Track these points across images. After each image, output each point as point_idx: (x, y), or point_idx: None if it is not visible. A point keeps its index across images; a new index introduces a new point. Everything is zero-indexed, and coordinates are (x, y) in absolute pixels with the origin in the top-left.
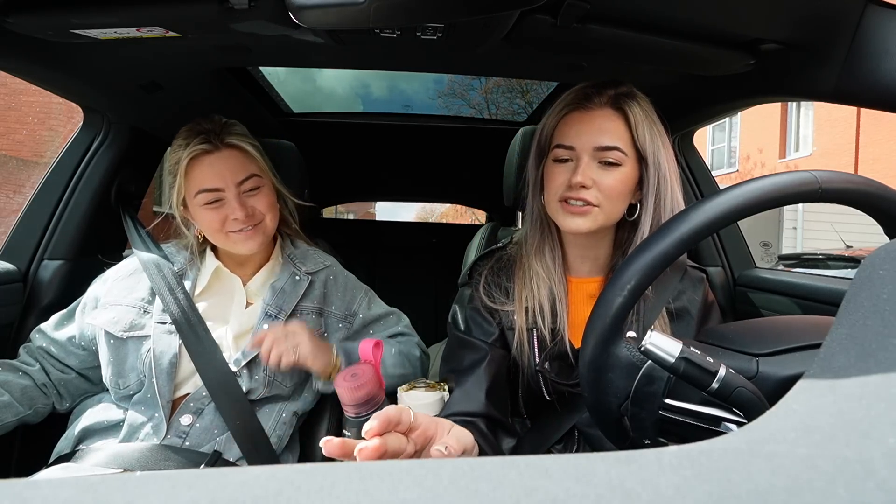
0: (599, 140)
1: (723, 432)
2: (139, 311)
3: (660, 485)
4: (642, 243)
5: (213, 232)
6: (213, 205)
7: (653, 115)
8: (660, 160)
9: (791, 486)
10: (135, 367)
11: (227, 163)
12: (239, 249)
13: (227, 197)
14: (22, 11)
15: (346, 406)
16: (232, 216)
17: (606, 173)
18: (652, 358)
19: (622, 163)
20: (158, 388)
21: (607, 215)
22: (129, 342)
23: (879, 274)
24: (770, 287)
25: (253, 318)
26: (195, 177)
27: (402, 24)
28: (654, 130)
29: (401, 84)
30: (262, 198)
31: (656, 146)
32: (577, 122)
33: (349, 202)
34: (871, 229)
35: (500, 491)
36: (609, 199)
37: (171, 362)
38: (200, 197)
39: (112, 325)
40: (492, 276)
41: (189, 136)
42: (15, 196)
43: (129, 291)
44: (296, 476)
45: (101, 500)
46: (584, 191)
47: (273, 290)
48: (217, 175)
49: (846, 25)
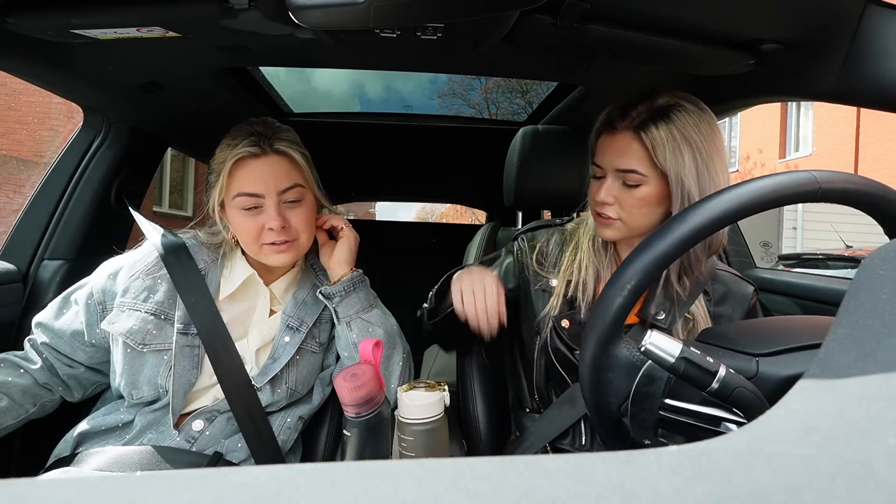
0: (619, 163)
1: (723, 432)
2: (159, 318)
3: (660, 485)
4: (642, 243)
5: (247, 240)
6: (251, 211)
7: (683, 129)
8: (683, 178)
9: (791, 486)
10: (151, 381)
11: (272, 169)
12: (270, 262)
13: (267, 205)
14: (22, 11)
15: (347, 406)
16: (268, 225)
17: (628, 192)
18: (652, 358)
19: (643, 182)
20: (173, 405)
21: (632, 227)
22: (147, 355)
23: (879, 274)
24: (770, 287)
25: (273, 329)
26: (238, 179)
27: (402, 24)
28: (679, 148)
29: (401, 84)
30: (301, 212)
31: (679, 164)
32: (605, 144)
33: (349, 202)
34: (871, 229)
35: (500, 491)
36: (631, 214)
37: (189, 381)
38: (239, 200)
39: (131, 337)
40: (546, 247)
41: (238, 136)
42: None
43: (149, 293)
44: (296, 476)
45: (101, 501)
46: (607, 207)
47: (295, 301)
48: (260, 180)
49: (846, 25)
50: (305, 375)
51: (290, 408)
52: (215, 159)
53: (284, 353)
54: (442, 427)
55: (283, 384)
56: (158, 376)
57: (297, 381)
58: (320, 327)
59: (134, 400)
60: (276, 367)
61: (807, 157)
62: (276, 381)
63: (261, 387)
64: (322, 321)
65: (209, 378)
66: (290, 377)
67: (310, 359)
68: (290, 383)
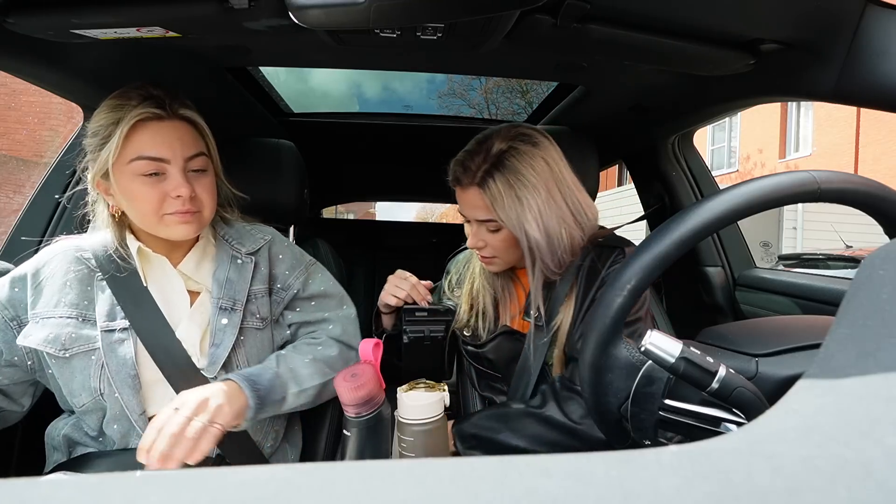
0: (475, 215)
1: (723, 432)
2: (77, 320)
3: (660, 485)
4: (642, 244)
5: (145, 209)
6: (151, 178)
7: (518, 174)
8: (524, 223)
9: (791, 486)
10: (85, 386)
11: (179, 134)
12: (172, 234)
13: (171, 172)
14: (22, 11)
15: (347, 406)
16: (174, 193)
17: (492, 236)
18: (652, 358)
19: (501, 227)
20: (125, 402)
21: (509, 261)
22: (73, 360)
23: (879, 274)
24: (770, 287)
25: (206, 313)
26: (137, 141)
27: (402, 24)
28: (516, 194)
29: (400, 84)
30: (207, 183)
31: (519, 210)
32: (460, 198)
33: (349, 202)
34: (871, 229)
35: (500, 491)
36: (502, 252)
37: (130, 374)
38: (138, 164)
39: (50, 345)
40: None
41: (132, 97)
42: (15, 196)
43: (60, 297)
44: (296, 476)
45: (102, 500)
46: (480, 249)
47: (218, 281)
48: (165, 144)
49: (846, 25)
50: (256, 354)
51: None
52: (98, 121)
53: (226, 336)
54: (442, 427)
55: (235, 367)
56: (91, 378)
57: (248, 361)
58: (256, 302)
59: (79, 409)
60: (220, 352)
61: (807, 157)
62: (227, 366)
63: (214, 376)
64: (256, 296)
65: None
66: (240, 359)
67: (256, 336)
68: (244, 364)
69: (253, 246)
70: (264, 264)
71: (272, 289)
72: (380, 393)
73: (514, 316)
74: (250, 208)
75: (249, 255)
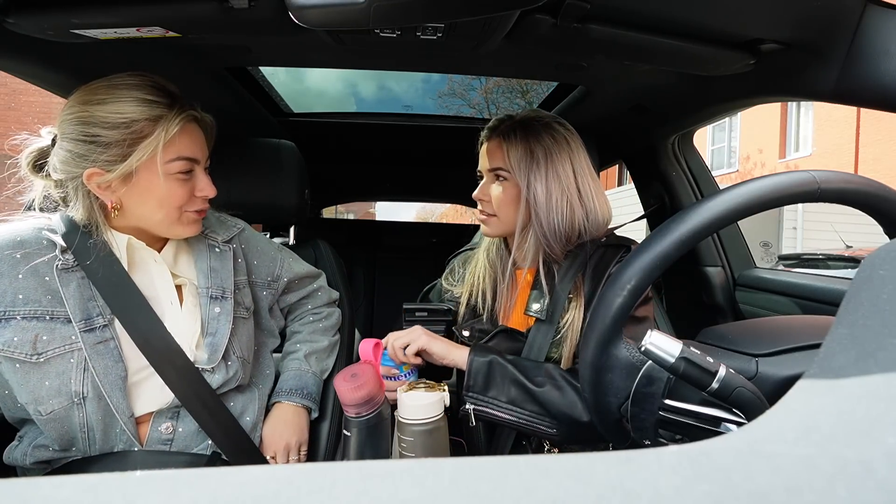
0: (489, 164)
1: (723, 432)
2: (44, 320)
3: (660, 485)
4: (642, 243)
5: (172, 205)
6: (183, 176)
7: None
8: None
9: (791, 486)
10: (60, 390)
11: (205, 135)
12: (183, 232)
13: (198, 171)
14: (22, 11)
15: (347, 406)
16: (203, 193)
17: (498, 187)
18: (652, 358)
19: (508, 178)
20: (115, 405)
21: (504, 222)
22: (46, 365)
23: (879, 274)
24: (770, 287)
25: (196, 306)
26: (179, 142)
27: (402, 24)
28: (531, 151)
29: (400, 84)
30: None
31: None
32: (482, 153)
33: (349, 202)
34: (871, 229)
35: (500, 491)
36: (501, 207)
37: (119, 376)
38: (176, 164)
39: (17, 349)
40: (458, 267)
41: (157, 94)
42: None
43: (27, 293)
44: (296, 476)
45: (101, 500)
46: (484, 203)
47: (203, 271)
48: (198, 145)
49: (846, 25)
50: (246, 342)
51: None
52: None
53: (220, 325)
54: (442, 427)
55: (232, 356)
56: (71, 382)
57: (242, 349)
58: (241, 292)
59: (44, 416)
60: (218, 340)
61: (807, 157)
62: (226, 355)
63: (214, 367)
64: (239, 286)
65: (137, 368)
66: (236, 347)
67: (243, 325)
68: (238, 353)
69: (227, 234)
70: (240, 254)
71: (251, 281)
72: (380, 393)
73: (512, 315)
74: (251, 208)
75: (226, 244)
